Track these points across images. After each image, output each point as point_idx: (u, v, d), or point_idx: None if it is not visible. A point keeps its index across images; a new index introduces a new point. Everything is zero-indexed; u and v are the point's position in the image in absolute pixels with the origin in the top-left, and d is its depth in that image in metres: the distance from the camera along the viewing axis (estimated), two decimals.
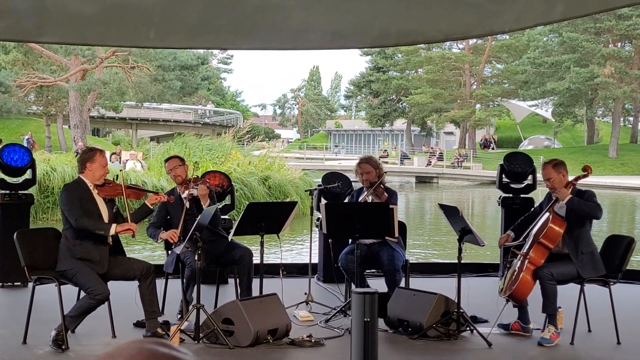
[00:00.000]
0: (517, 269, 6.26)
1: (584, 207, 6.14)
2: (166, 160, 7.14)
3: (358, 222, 6.44)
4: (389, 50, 59.79)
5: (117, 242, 6.12)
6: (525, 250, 6.28)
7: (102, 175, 5.99)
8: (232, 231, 6.57)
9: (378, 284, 6.93)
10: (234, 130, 26.58)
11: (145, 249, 14.72)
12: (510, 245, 6.47)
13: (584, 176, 6.36)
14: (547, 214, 6.31)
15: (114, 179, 6.19)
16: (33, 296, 5.96)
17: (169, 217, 6.85)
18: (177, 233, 6.50)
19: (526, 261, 6.18)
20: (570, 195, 6.18)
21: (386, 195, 7.00)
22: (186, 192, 6.73)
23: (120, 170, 6.30)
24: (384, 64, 62.94)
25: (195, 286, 6.11)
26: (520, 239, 6.41)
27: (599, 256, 6.32)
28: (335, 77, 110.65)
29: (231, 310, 5.94)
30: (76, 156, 22.65)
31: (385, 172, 7.28)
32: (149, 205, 6.22)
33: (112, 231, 5.87)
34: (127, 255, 6.28)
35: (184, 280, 6.59)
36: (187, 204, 6.65)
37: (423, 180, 44.23)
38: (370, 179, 7.10)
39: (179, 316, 6.58)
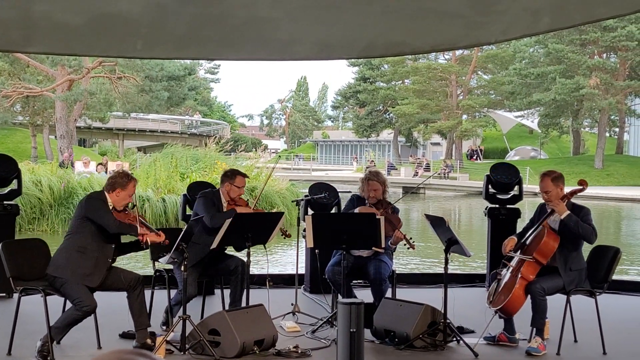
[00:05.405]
0: (507, 281, 6.24)
1: (579, 229, 6.06)
2: (241, 175, 6.97)
3: (345, 233, 6.44)
4: (376, 61, 59.97)
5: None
6: (516, 264, 6.27)
7: (125, 204, 6.07)
8: (216, 241, 6.44)
9: (365, 295, 6.94)
10: (216, 139, 26.43)
11: (131, 261, 14.65)
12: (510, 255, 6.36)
13: (580, 190, 6.28)
14: (540, 227, 6.26)
15: (127, 207, 6.18)
16: (18, 307, 5.93)
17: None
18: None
19: (518, 276, 6.14)
20: (569, 212, 6.12)
21: (396, 216, 6.96)
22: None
23: (135, 206, 6.25)
24: (371, 75, 63.11)
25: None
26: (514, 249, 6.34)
27: (587, 273, 6.32)
28: (323, 87, 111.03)
29: (217, 321, 5.93)
30: (60, 167, 22.57)
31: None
32: (142, 244, 6.04)
33: (139, 231, 5.94)
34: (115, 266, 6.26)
35: (172, 300, 6.58)
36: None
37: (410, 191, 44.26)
38: (378, 196, 7.06)
39: (164, 327, 6.55)
